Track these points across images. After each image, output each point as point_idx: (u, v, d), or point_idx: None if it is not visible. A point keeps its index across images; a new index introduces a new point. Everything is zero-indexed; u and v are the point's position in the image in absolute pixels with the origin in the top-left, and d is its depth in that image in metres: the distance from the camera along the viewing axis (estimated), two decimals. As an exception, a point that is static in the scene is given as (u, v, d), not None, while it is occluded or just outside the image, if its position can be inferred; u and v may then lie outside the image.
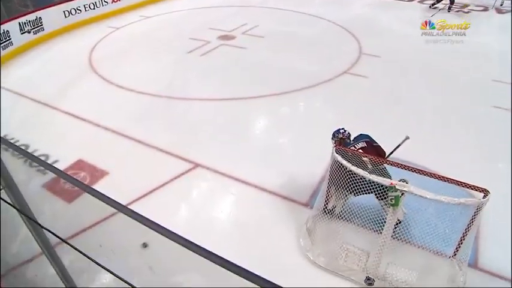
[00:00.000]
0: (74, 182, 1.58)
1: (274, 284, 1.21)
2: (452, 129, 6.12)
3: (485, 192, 3.22)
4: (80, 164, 5.17)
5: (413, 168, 3.56)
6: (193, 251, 1.39)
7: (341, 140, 4.22)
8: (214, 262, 1.30)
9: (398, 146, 4.27)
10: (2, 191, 1.80)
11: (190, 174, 5.06)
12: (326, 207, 4.03)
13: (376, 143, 4.17)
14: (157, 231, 1.46)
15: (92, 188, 1.62)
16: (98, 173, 5.01)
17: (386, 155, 4.16)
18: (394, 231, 3.40)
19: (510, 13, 10.26)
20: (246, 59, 8.64)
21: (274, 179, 4.88)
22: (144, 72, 7.97)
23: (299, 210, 4.41)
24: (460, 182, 3.36)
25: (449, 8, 10.88)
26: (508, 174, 5.14)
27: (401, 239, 3.66)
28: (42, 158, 5.28)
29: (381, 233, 3.43)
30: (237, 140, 5.77)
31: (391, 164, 3.65)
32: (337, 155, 3.58)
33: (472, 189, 3.32)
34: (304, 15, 11.53)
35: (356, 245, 3.76)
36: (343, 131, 4.26)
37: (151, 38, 10.00)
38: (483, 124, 6.29)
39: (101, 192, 1.47)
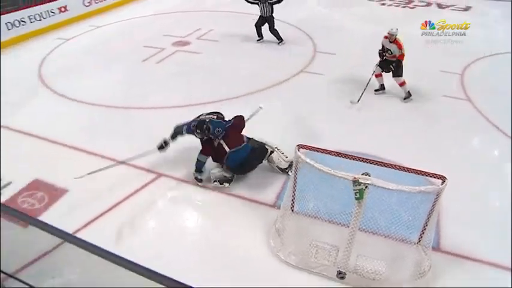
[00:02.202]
0: (18, 215, 1.41)
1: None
2: (407, 120, 6.34)
3: (443, 178, 3.33)
4: (36, 184, 4.86)
5: (373, 160, 3.63)
6: (146, 277, 1.28)
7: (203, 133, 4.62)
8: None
9: (253, 115, 5.23)
10: None
11: (154, 185, 4.92)
12: (293, 206, 4.04)
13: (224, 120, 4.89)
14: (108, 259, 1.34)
15: (37, 220, 1.45)
16: (57, 192, 4.74)
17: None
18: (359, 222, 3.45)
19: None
20: (202, 64, 8.52)
21: (239, 183, 4.84)
22: (99, 83, 7.65)
23: (267, 212, 4.40)
24: (419, 170, 3.47)
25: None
26: (462, 159, 5.39)
27: (368, 230, 3.74)
28: (-5, 181, 4.96)
29: (348, 226, 3.47)
30: (198, 147, 5.65)
31: (353, 159, 3.70)
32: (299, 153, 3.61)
33: (430, 176, 3.44)
34: (257, 17, 11.55)
35: (325, 241, 3.78)
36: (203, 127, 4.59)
37: (103, 47, 9.63)
38: (434, 113, 6.55)
39: (46, 223, 1.33)
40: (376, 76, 6.86)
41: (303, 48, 9.18)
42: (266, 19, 9.23)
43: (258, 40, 9.53)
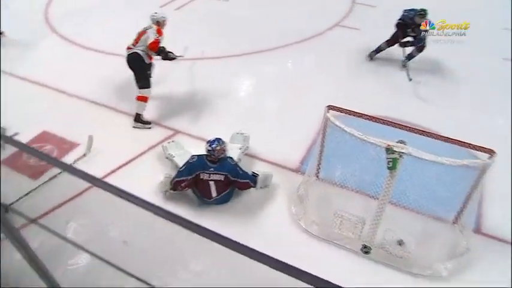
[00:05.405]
0: (43, 157, 1.40)
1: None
2: (455, 85, 6.06)
3: (491, 152, 3.19)
4: (44, 136, 4.94)
5: (411, 127, 3.51)
6: (172, 221, 1.30)
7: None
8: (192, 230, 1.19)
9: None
10: None
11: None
12: (318, 173, 4.01)
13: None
14: (133, 203, 1.34)
15: (64, 163, 1.46)
16: (67, 145, 4.82)
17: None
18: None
19: None
20: (227, 13, 8.32)
21: (263, 144, 4.81)
22: (112, 30, 7.52)
23: (290, 177, 4.39)
24: (463, 142, 3.33)
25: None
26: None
27: (399, 204, 3.68)
28: (-1, 131, 5.06)
29: (377, 198, 3.42)
30: (221, 102, 5.66)
31: (389, 124, 3.58)
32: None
33: (476, 149, 3.30)
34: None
35: (351, 212, 3.73)
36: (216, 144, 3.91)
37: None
38: (490, 78, 6.23)
39: (74, 167, 1.34)
40: None
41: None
42: None
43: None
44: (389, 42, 6.46)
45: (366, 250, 3.57)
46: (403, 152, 3.08)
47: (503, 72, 6.34)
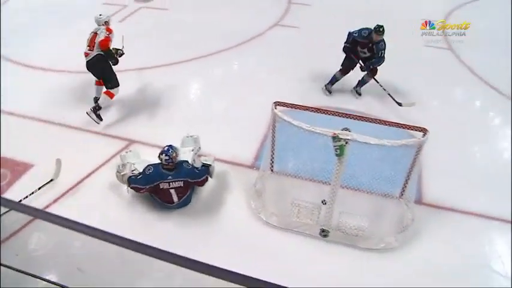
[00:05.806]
0: None
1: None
2: (385, 72, 6.44)
3: (424, 131, 3.52)
4: None
5: (354, 115, 3.78)
6: (122, 246, 1.37)
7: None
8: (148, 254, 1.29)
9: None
10: None
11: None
12: (272, 166, 4.18)
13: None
14: (79, 231, 1.40)
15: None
16: (21, 167, 4.66)
17: None
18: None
19: None
20: (169, 22, 8.37)
21: (216, 145, 4.91)
22: (57, 47, 7.37)
23: (246, 173, 4.53)
24: (400, 123, 3.66)
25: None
26: (443, 110, 5.62)
27: (350, 187, 3.94)
28: None
29: (329, 184, 3.65)
30: (172, 109, 5.72)
31: (332, 114, 3.82)
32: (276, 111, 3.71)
33: (411, 129, 3.62)
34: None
35: (307, 200, 3.94)
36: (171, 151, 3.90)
37: (57, 6, 9.16)
38: (415, 64, 6.73)
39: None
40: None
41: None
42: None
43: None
44: (343, 71, 5.86)
45: (324, 234, 3.79)
46: (348, 139, 3.31)
47: (431, 59, 6.95)
